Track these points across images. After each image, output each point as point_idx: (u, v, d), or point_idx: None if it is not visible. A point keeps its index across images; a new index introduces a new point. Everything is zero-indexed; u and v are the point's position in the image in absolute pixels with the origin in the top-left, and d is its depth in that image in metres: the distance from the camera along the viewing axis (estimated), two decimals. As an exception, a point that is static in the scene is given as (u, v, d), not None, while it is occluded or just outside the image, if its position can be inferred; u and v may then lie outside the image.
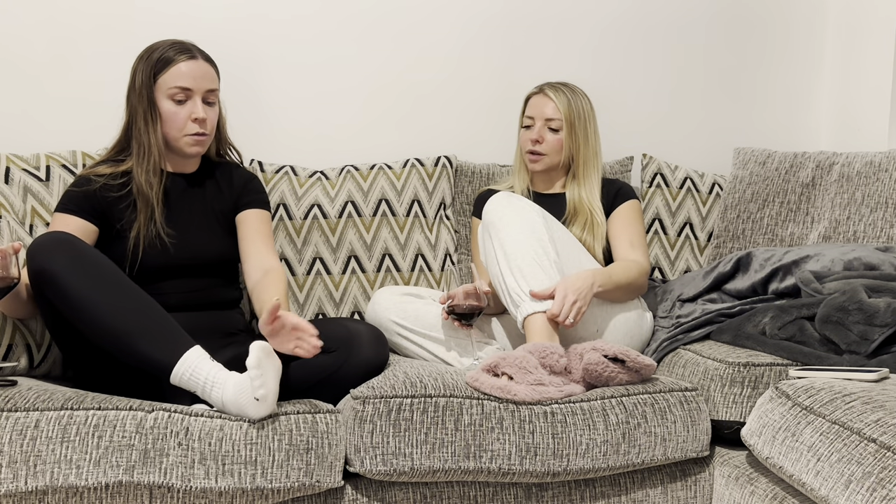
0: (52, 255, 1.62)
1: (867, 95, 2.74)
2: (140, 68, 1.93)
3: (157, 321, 1.64)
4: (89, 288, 1.61)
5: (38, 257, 1.62)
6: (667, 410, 1.84)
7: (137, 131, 1.92)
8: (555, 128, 2.30)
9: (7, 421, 1.52)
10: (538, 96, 2.34)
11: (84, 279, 1.61)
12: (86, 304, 1.61)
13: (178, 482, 1.55)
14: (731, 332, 2.05)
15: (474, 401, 1.72)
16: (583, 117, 2.31)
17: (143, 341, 1.61)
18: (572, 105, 2.30)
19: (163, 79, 1.91)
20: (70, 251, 1.63)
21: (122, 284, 1.65)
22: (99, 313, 1.61)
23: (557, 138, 2.30)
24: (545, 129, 2.31)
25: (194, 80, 1.92)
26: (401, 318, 2.06)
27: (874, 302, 1.87)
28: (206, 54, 1.97)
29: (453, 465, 1.69)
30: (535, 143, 2.31)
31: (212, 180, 2.06)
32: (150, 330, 1.62)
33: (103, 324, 1.61)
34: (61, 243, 1.64)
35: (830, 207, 2.47)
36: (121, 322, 1.61)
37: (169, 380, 1.62)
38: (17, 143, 2.23)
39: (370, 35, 2.59)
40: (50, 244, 1.63)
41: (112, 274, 1.65)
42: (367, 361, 1.78)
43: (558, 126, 2.29)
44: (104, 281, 1.63)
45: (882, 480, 1.39)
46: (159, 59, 1.91)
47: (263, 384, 1.57)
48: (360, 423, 1.67)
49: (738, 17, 2.84)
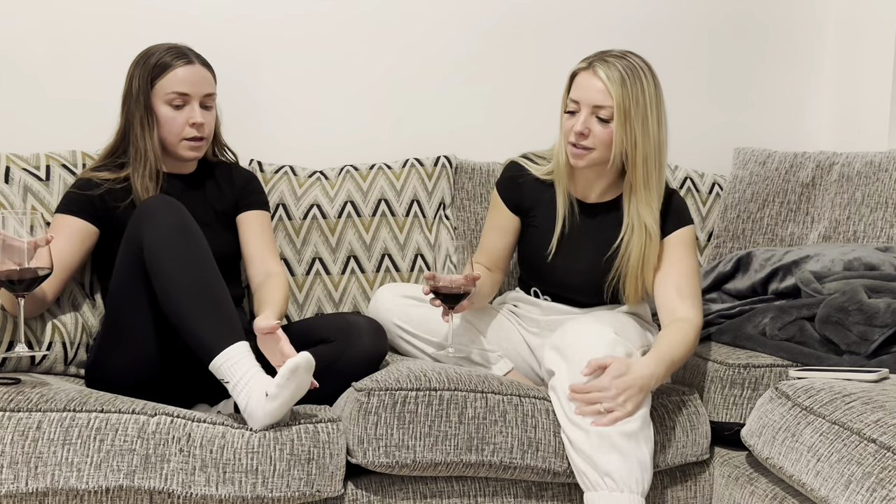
0: (162, 210, 1.71)
1: (867, 95, 2.74)
2: (136, 73, 1.92)
3: (225, 307, 1.68)
4: (182, 251, 1.68)
5: (149, 210, 1.71)
6: (665, 416, 1.84)
7: (135, 136, 1.92)
8: (604, 117, 1.83)
9: (9, 421, 1.52)
10: (586, 73, 1.85)
11: (181, 242, 1.68)
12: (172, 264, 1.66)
13: (178, 488, 1.55)
14: (730, 333, 2.06)
15: (478, 394, 1.73)
16: (643, 102, 1.82)
17: (202, 317, 1.64)
18: (629, 85, 1.81)
19: (160, 84, 1.91)
20: (178, 213, 1.71)
21: (210, 263, 1.71)
22: (181, 276, 1.66)
23: (607, 130, 1.83)
24: (592, 118, 1.84)
25: (192, 86, 1.91)
26: (404, 322, 1.98)
27: (874, 302, 1.87)
28: (203, 58, 1.97)
29: (455, 459, 1.70)
30: (581, 137, 1.85)
31: (211, 180, 2.06)
32: (214, 311, 1.65)
33: (180, 286, 1.65)
34: (173, 206, 1.72)
35: (830, 207, 2.47)
36: (195, 292, 1.65)
37: (209, 364, 1.64)
38: (16, 142, 2.23)
39: (370, 35, 2.58)
40: (164, 203, 1.72)
41: (205, 250, 1.72)
42: (366, 352, 1.78)
43: (608, 115, 1.82)
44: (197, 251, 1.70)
45: (882, 480, 1.40)
46: (156, 63, 1.91)
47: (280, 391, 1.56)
48: (364, 415, 1.68)
49: (738, 17, 2.84)
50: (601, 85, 1.82)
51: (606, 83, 1.81)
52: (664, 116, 1.87)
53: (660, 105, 1.86)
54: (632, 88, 1.81)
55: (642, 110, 1.82)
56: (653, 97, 1.83)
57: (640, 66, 1.84)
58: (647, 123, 1.83)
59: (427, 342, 1.98)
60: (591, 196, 1.99)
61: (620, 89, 1.80)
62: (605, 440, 1.64)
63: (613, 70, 1.81)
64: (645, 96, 1.82)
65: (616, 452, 1.64)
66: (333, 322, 1.85)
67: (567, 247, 1.98)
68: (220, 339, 1.63)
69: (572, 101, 1.87)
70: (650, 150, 1.85)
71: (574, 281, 1.99)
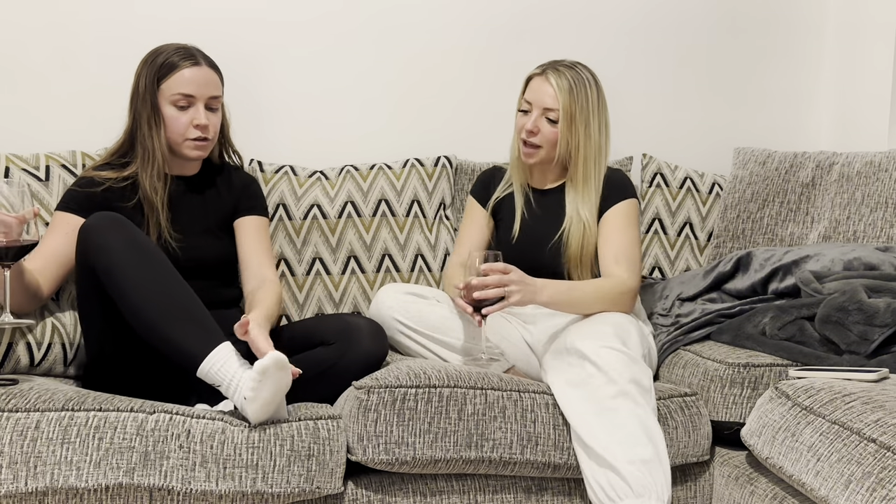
0: (107, 232, 1.66)
1: (867, 95, 2.74)
2: (144, 72, 1.92)
3: (196, 312, 1.66)
4: (140, 268, 1.65)
5: (94, 231, 1.67)
6: (668, 417, 1.84)
7: (142, 136, 1.92)
8: (552, 118, 2.05)
9: (8, 421, 1.52)
10: (539, 78, 2.09)
11: (136, 259, 1.65)
12: (134, 283, 1.64)
13: (178, 485, 1.55)
14: (731, 333, 2.06)
15: (478, 391, 1.74)
16: (586, 109, 2.05)
17: (178, 329, 1.63)
18: (574, 93, 2.04)
19: (166, 84, 1.91)
20: (125, 231, 1.68)
21: (170, 271, 1.69)
22: (145, 293, 1.63)
23: (554, 130, 2.06)
24: (542, 118, 2.07)
25: (197, 87, 1.91)
26: (404, 318, 2.00)
27: (874, 302, 1.87)
28: (211, 60, 1.97)
29: (455, 455, 1.71)
30: (530, 135, 2.08)
31: (212, 183, 2.06)
32: (187, 319, 1.64)
33: (146, 304, 1.63)
34: (117, 223, 1.69)
35: (830, 207, 2.47)
36: (164, 306, 1.63)
37: (196, 372, 1.63)
38: (16, 143, 2.23)
39: (370, 35, 2.59)
40: (107, 223, 1.68)
41: (161, 259, 1.69)
42: (366, 354, 1.78)
43: (556, 117, 2.05)
44: (154, 264, 1.67)
45: (882, 480, 1.39)
46: (163, 64, 1.91)
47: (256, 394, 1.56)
48: (363, 412, 1.68)
49: (738, 17, 2.84)
50: (551, 90, 2.05)
51: (556, 89, 2.05)
52: (605, 123, 2.10)
53: (601, 113, 2.08)
54: (577, 96, 2.04)
55: (585, 116, 2.05)
56: (595, 105, 2.07)
57: (587, 78, 2.08)
58: (589, 128, 2.06)
59: (427, 337, 2.00)
60: (546, 183, 2.20)
61: (567, 96, 2.04)
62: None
63: (563, 79, 2.05)
64: (589, 104, 2.06)
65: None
66: (333, 324, 1.85)
67: (528, 229, 2.15)
68: (201, 345, 1.62)
69: (526, 102, 2.10)
70: (591, 152, 2.07)
71: (540, 258, 2.11)
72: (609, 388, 1.74)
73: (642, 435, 1.71)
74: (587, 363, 1.77)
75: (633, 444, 1.69)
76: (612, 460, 1.68)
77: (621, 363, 1.77)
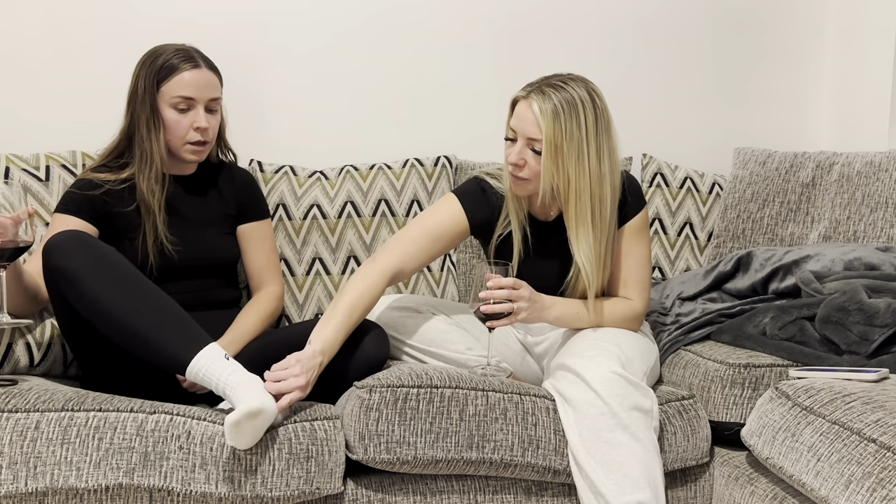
0: (69, 252, 1.61)
1: (867, 95, 2.74)
2: (143, 74, 1.91)
3: (174, 319, 1.63)
4: (107, 285, 1.60)
5: (56, 255, 1.61)
6: (666, 422, 1.84)
7: (140, 138, 1.91)
8: (538, 150, 1.75)
9: (7, 422, 1.52)
10: (524, 102, 1.76)
11: (102, 276, 1.60)
12: (103, 302, 1.59)
13: (178, 486, 1.55)
14: (731, 333, 2.05)
15: (479, 392, 1.74)
16: (577, 136, 1.72)
17: (158, 339, 1.59)
18: (562, 118, 1.71)
19: (166, 87, 1.90)
20: (87, 249, 1.63)
21: (139, 282, 1.64)
22: (116, 311, 1.59)
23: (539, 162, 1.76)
24: (527, 149, 1.76)
25: (198, 90, 1.90)
26: (401, 335, 1.95)
27: (874, 302, 1.87)
28: (210, 61, 1.96)
29: (456, 456, 1.71)
30: (516, 168, 1.78)
31: (212, 182, 2.06)
32: (166, 327, 1.61)
33: (120, 321, 1.60)
34: (78, 241, 1.63)
35: (830, 207, 2.47)
36: (138, 320, 1.60)
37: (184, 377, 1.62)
38: (16, 143, 2.23)
39: (369, 35, 2.59)
40: (67, 242, 1.63)
41: (129, 272, 1.64)
42: (367, 356, 1.78)
43: (541, 148, 1.73)
44: (121, 278, 1.62)
45: (882, 480, 1.40)
46: (163, 66, 1.90)
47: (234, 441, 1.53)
48: (365, 412, 1.68)
49: (738, 17, 2.84)
50: (533, 117, 1.73)
51: (538, 116, 1.72)
52: (608, 148, 1.76)
53: (600, 136, 1.74)
54: (566, 123, 1.71)
55: (577, 145, 1.72)
56: (591, 129, 1.72)
57: (580, 98, 1.72)
58: (582, 159, 1.72)
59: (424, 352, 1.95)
60: (550, 214, 1.93)
61: (552, 123, 1.71)
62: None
63: (548, 102, 1.71)
64: (582, 129, 1.72)
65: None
66: None
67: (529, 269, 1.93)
68: (183, 352, 1.60)
69: (511, 129, 1.80)
70: (584, 187, 1.74)
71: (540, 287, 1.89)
72: (608, 420, 1.66)
73: (641, 478, 1.62)
74: (586, 388, 1.69)
75: (630, 487, 1.62)
76: (606, 495, 1.63)
77: (623, 389, 1.67)
